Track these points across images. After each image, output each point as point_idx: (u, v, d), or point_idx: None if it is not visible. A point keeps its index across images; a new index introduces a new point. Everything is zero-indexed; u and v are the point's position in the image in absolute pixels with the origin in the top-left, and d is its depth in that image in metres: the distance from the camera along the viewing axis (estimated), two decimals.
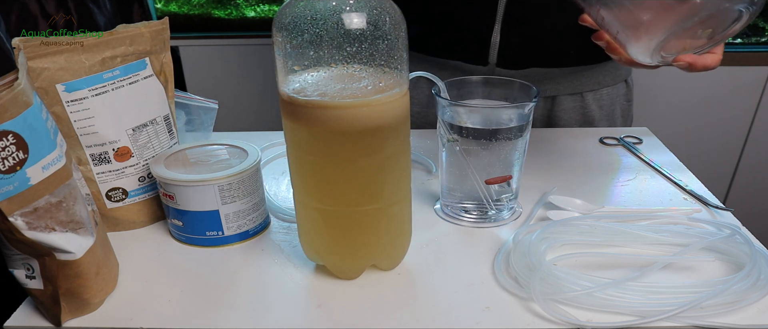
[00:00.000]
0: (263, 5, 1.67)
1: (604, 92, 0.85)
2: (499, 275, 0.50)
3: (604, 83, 0.84)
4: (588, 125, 0.86)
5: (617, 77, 0.85)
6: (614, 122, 0.88)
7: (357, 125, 0.42)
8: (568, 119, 0.85)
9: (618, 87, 0.86)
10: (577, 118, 0.85)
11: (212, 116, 0.73)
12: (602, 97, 0.85)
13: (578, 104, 0.84)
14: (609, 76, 0.84)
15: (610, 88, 0.85)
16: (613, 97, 0.86)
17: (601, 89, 0.84)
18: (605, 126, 0.87)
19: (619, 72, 0.85)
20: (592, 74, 0.83)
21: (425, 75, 0.54)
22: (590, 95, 0.84)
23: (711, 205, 0.62)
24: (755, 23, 1.73)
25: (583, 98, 0.84)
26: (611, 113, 0.87)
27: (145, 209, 0.60)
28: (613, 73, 0.84)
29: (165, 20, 0.58)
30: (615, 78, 0.85)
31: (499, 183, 0.57)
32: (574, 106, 0.85)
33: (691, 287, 0.46)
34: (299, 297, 0.49)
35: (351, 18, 0.40)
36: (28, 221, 0.40)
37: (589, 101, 0.84)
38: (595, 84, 0.83)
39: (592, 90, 0.84)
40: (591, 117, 0.85)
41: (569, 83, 0.83)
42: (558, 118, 0.85)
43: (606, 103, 0.86)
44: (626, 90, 0.88)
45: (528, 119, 0.55)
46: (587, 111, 0.85)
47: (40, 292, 0.45)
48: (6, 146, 0.38)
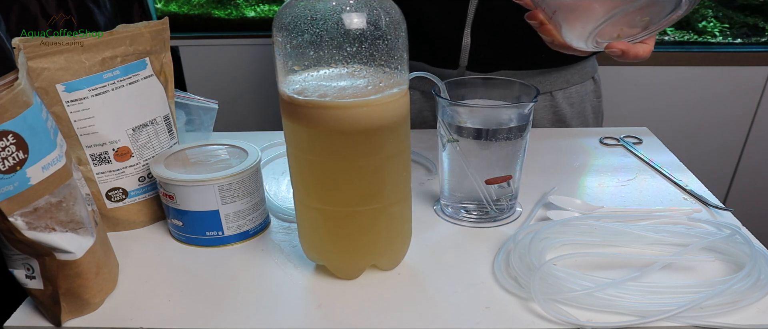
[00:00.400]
0: (263, 5, 1.67)
1: (573, 90, 0.86)
2: (499, 275, 0.50)
3: (573, 81, 0.86)
4: (561, 124, 0.87)
5: (585, 75, 0.87)
6: (586, 119, 0.90)
7: (357, 125, 0.42)
8: (540, 119, 0.87)
9: (586, 84, 0.88)
10: (549, 117, 0.87)
11: (212, 116, 0.73)
12: (572, 95, 0.86)
13: (548, 104, 0.86)
14: (577, 75, 0.86)
15: (579, 85, 0.87)
16: (582, 94, 0.88)
17: (570, 87, 0.86)
18: (578, 124, 0.89)
19: (587, 70, 0.87)
20: (560, 74, 0.84)
21: (425, 75, 0.54)
22: (560, 94, 0.85)
23: (711, 205, 0.62)
24: (755, 23, 1.73)
25: (553, 97, 0.85)
26: (582, 111, 0.89)
27: (145, 209, 0.60)
28: (580, 72, 0.86)
29: (165, 20, 0.58)
30: (582, 76, 0.87)
31: (499, 183, 0.57)
32: (545, 105, 0.86)
33: (691, 287, 0.46)
34: (299, 297, 0.49)
35: (351, 18, 0.40)
36: (28, 221, 0.40)
37: (560, 99, 0.86)
38: (564, 82, 0.85)
39: (561, 88, 0.85)
40: (563, 115, 0.87)
41: (538, 84, 0.84)
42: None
43: (576, 100, 0.87)
44: (594, 87, 0.90)
45: (528, 119, 0.55)
46: (558, 110, 0.86)
47: (40, 292, 0.45)
48: (6, 146, 0.38)
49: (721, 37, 1.73)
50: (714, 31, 1.74)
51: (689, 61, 1.63)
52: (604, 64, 1.60)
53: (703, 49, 1.67)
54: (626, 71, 1.62)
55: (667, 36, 1.71)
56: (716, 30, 1.74)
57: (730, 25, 1.74)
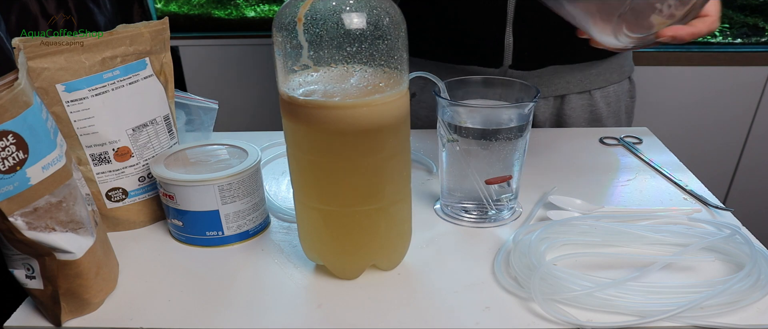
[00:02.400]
0: (263, 5, 1.67)
1: (611, 89, 0.86)
2: (499, 275, 0.50)
3: (611, 80, 0.86)
4: (596, 123, 0.87)
5: (622, 74, 0.87)
6: (619, 120, 0.90)
7: (357, 125, 0.42)
8: (576, 118, 0.87)
9: (623, 84, 0.88)
10: (585, 116, 0.87)
11: (212, 116, 0.73)
12: (609, 94, 0.86)
13: (587, 103, 0.86)
14: (615, 73, 0.86)
15: (617, 85, 0.87)
16: (619, 94, 0.88)
17: (608, 86, 0.86)
18: (612, 124, 0.88)
19: (624, 69, 0.87)
20: (600, 71, 0.84)
21: (425, 75, 0.54)
22: (598, 93, 0.85)
23: (711, 205, 0.62)
24: (755, 23, 1.73)
25: (592, 96, 0.85)
26: (617, 111, 0.89)
27: (145, 209, 0.60)
28: (619, 70, 0.86)
29: (165, 20, 0.58)
30: (621, 75, 0.87)
31: (499, 183, 0.57)
32: (583, 104, 0.86)
33: (691, 287, 0.46)
34: (299, 297, 0.49)
35: (351, 18, 0.40)
36: (28, 221, 0.40)
37: (598, 98, 0.86)
38: (603, 81, 0.85)
39: (600, 87, 0.85)
40: (598, 115, 0.87)
41: (578, 82, 0.84)
42: (567, 117, 0.87)
43: (613, 100, 0.87)
44: (630, 87, 0.90)
45: (528, 119, 0.55)
46: (595, 109, 0.86)
47: (40, 292, 0.45)
48: (6, 146, 0.38)
49: (721, 37, 1.73)
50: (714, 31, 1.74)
51: (689, 61, 1.63)
52: None
53: (703, 49, 1.66)
54: None
55: None
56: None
57: (730, 25, 1.74)
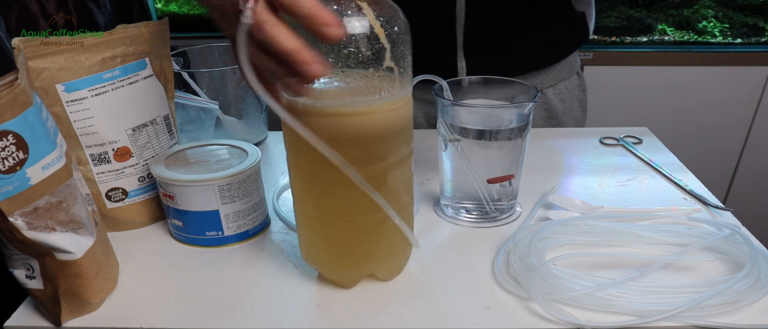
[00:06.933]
0: None
1: (562, 85, 0.89)
2: (499, 275, 0.50)
3: (561, 78, 0.89)
4: (553, 120, 0.90)
5: (571, 70, 0.90)
6: (574, 114, 0.93)
7: (359, 132, 0.41)
8: (534, 117, 0.88)
9: (573, 79, 0.91)
10: (541, 114, 0.90)
11: (212, 116, 0.73)
12: (561, 91, 0.89)
13: (541, 102, 0.89)
14: (564, 71, 0.89)
15: (566, 81, 0.90)
16: (570, 89, 0.91)
17: (558, 83, 0.89)
18: (568, 118, 0.91)
19: (572, 65, 0.91)
20: (549, 71, 0.87)
21: (428, 77, 0.54)
22: (550, 91, 0.88)
23: (711, 205, 0.62)
24: (755, 23, 1.73)
25: (545, 95, 0.89)
26: (571, 105, 0.92)
27: (145, 209, 0.60)
28: (567, 68, 0.89)
29: (165, 20, 0.58)
30: (569, 71, 0.90)
31: (501, 183, 0.57)
32: (537, 104, 0.89)
33: (691, 287, 0.46)
34: (299, 297, 0.49)
35: (353, 22, 0.39)
36: (28, 221, 0.40)
37: (551, 96, 0.88)
38: (553, 79, 0.88)
39: (551, 85, 0.88)
40: (554, 112, 0.90)
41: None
42: None
43: (566, 96, 0.90)
44: (579, 80, 0.93)
45: (528, 119, 0.55)
46: (550, 107, 0.89)
47: (40, 292, 0.45)
48: (6, 146, 0.38)
49: (721, 37, 1.73)
50: (714, 31, 1.74)
51: (689, 61, 1.63)
52: (605, 64, 1.61)
53: (703, 49, 1.67)
54: (626, 71, 1.62)
55: (667, 36, 1.71)
56: (716, 30, 1.74)
57: (730, 25, 1.75)
